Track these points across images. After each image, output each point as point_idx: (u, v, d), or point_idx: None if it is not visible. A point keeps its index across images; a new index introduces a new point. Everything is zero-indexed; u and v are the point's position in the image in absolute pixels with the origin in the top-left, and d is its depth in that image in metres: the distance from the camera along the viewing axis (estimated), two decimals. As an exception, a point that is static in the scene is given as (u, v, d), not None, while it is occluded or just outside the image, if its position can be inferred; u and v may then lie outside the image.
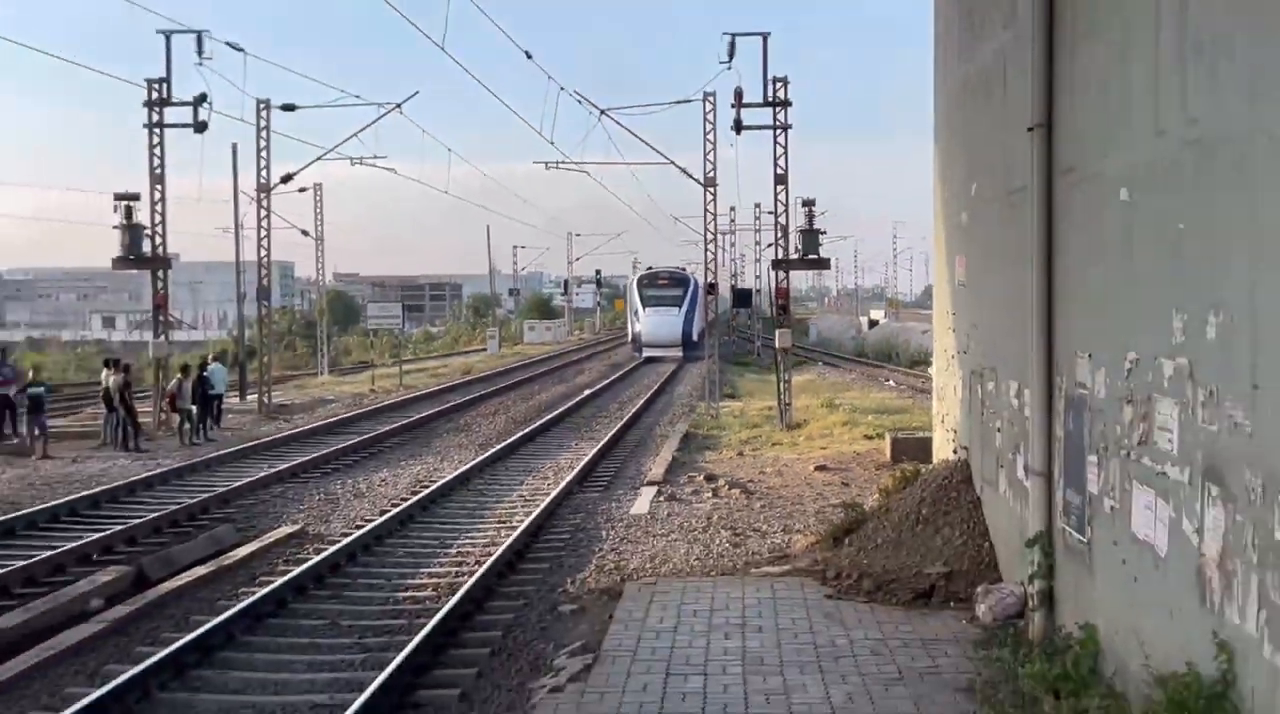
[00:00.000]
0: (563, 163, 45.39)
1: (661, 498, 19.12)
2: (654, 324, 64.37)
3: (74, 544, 15.80)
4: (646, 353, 62.99)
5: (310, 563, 14.52)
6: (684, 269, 72.51)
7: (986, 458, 12.69)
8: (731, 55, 31.60)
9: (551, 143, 66.05)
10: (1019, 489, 10.92)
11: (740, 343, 75.78)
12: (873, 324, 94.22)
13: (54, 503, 19.03)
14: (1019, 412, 10.95)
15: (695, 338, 61.47)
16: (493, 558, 14.51)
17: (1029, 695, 8.43)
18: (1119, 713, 7.36)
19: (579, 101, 35.25)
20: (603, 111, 35.97)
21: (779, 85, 31.92)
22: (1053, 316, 9.84)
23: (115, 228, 31.43)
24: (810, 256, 33.15)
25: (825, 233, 33.58)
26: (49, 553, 15.25)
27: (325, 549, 15.53)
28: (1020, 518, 10.78)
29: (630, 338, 70.07)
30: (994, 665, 9.37)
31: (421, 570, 14.96)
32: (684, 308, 64.78)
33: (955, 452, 14.45)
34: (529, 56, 28.65)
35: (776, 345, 33.54)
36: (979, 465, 13.13)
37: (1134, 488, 7.91)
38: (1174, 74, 7.14)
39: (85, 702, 9.43)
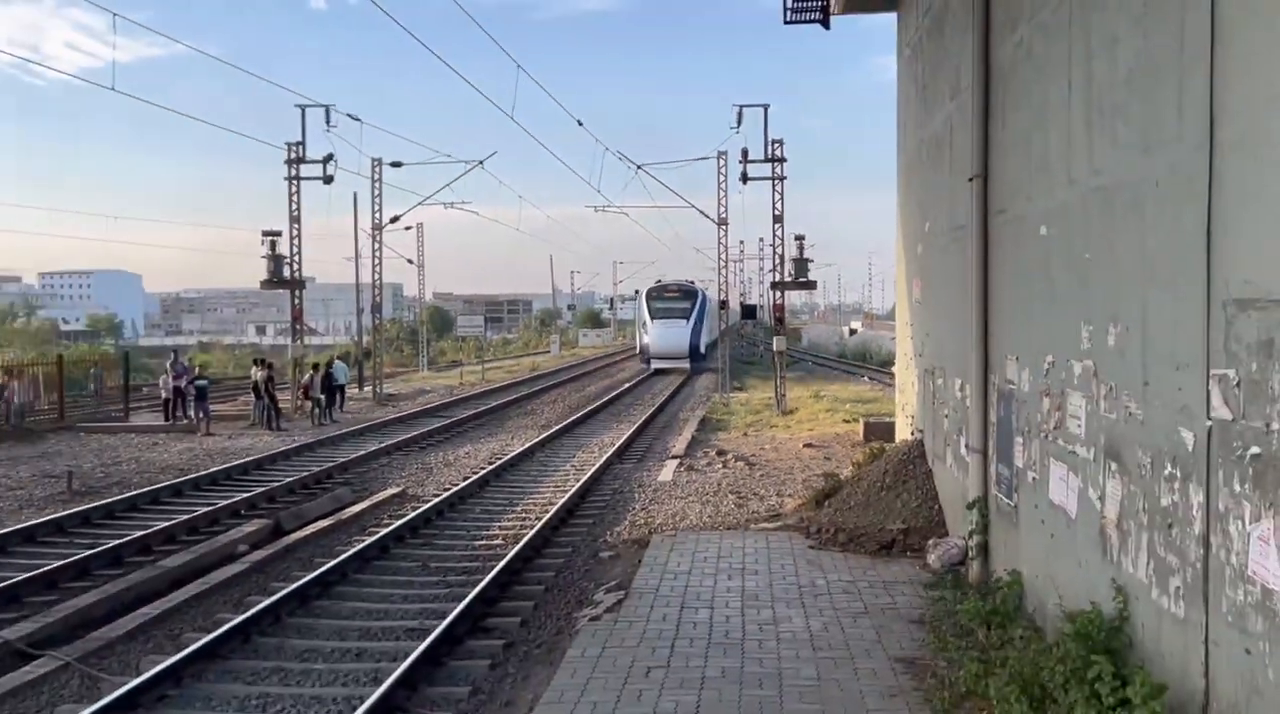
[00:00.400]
0: (608, 207, 45.67)
1: (682, 468, 19.00)
2: (662, 335, 51.27)
3: (226, 501, 15.91)
4: (655, 365, 50.85)
5: (407, 517, 14.53)
6: (693, 282, 57.52)
7: (936, 438, 12.53)
8: (739, 122, 31.74)
9: (599, 191, 66.41)
10: (961, 463, 10.77)
11: (747, 347, 75.13)
12: (852, 332, 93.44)
13: (213, 469, 19.19)
14: (962, 402, 10.80)
15: (703, 350, 51.89)
16: (549, 514, 14.46)
17: (966, 626, 8.32)
18: (1037, 641, 7.22)
19: (620, 159, 35.41)
20: (639, 166, 36.02)
21: (776, 146, 31.85)
22: (988, 327, 9.71)
23: (263, 257, 31.74)
24: (801, 279, 33.02)
25: (813, 261, 33.38)
26: (207, 508, 15.36)
27: (420, 506, 15.55)
28: (962, 486, 10.63)
29: (638, 349, 56.28)
30: (939, 603, 9.24)
31: (494, 524, 14.93)
32: (692, 320, 51.87)
33: (913, 433, 14.29)
34: (580, 124, 28.69)
35: (774, 349, 33.40)
36: (931, 444, 12.97)
37: (1050, 463, 7.77)
38: (1082, 134, 7.02)
39: (231, 624, 9.50)
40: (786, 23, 17.66)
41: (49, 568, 11.74)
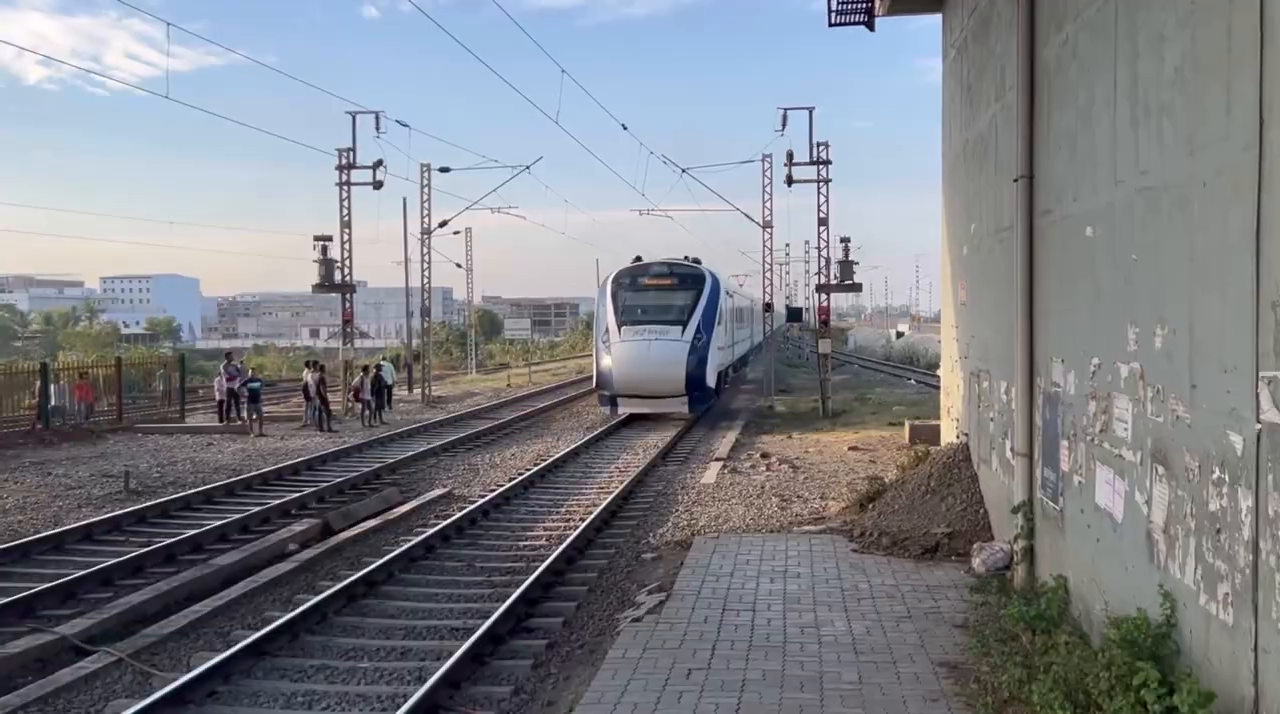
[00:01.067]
0: (653, 210, 45.53)
1: (726, 470, 18.92)
2: (633, 354, 26.84)
3: (277, 501, 16.13)
4: (624, 407, 27.35)
5: (453, 517, 14.63)
6: (698, 262, 30.05)
7: (982, 442, 12.37)
8: (784, 125, 31.64)
9: (643, 194, 66.16)
10: (1007, 467, 10.62)
11: (793, 349, 74.52)
12: (899, 335, 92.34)
13: (265, 470, 19.47)
14: (1007, 405, 10.65)
15: (712, 379, 27.72)
16: (593, 515, 14.49)
17: (1010, 631, 8.19)
18: (1082, 647, 7.08)
19: (665, 162, 35.53)
20: (684, 170, 36.23)
21: (822, 148, 31.72)
22: (1033, 329, 9.56)
23: (315, 261, 32.22)
24: (847, 282, 32.76)
25: (858, 263, 33.04)
26: (258, 508, 15.58)
27: (466, 507, 15.65)
28: (1008, 489, 10.48)
29: (594, 379, 28.75)
30: (983, 607, 9.12)
31: (538, 524, 14.99)
32: (692, 325, 27.36)
33: (958, 436, 14.11)
34: (625, 128, 28.63)
35: (819, 352, 33.19)
36: (976, 447, 12.80)
37: (1097, 467, 7.63)
38: (1128, 134, 6.89)
39: (279, 622, 9.62)
40: (831, 25, 17.57)
41: (105, 565, 12.00)
